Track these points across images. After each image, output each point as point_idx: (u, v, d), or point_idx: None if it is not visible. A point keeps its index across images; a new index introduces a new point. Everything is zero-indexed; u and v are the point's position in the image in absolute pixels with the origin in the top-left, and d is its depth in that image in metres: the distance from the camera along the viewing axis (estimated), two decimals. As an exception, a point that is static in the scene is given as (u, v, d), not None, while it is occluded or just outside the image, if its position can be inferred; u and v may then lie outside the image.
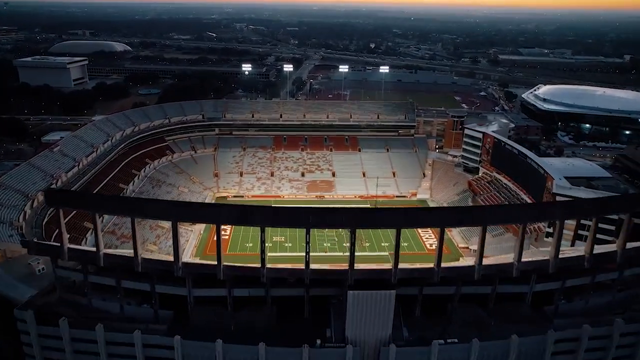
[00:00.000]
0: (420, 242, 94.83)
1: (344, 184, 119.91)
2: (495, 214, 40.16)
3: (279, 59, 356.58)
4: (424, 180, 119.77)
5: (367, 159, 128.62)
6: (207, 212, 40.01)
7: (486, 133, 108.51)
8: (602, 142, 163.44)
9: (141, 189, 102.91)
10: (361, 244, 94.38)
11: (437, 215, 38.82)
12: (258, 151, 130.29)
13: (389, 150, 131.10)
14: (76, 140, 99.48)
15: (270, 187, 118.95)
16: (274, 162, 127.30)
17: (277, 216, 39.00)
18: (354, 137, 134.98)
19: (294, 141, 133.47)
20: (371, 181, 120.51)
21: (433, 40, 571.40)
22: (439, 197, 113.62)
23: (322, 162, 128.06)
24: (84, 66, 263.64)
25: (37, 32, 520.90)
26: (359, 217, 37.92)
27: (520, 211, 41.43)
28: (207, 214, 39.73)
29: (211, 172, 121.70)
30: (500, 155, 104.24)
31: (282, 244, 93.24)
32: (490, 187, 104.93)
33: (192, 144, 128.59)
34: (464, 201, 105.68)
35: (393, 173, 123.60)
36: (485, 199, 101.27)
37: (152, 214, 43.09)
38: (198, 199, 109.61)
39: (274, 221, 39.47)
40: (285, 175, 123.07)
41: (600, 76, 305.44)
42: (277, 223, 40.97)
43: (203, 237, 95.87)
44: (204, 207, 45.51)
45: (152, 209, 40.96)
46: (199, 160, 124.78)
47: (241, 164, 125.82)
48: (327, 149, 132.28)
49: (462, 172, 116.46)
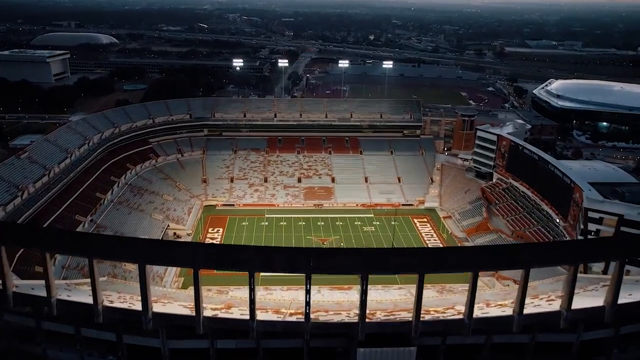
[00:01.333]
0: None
1: (345, 191, 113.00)
2: (540, 254, 33.46)
3: (273, 52, 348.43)
4: (432, 187, 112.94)
5: (370, 162, 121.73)
6: (181, 253, 33.12)
7: (501, 135, 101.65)
8: (622, 142, 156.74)
9: (121, 198, 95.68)
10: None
11: (468, 257, 32.09)
12: (250, 154, 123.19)
13: (393, 153, 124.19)
14: (47, 144, 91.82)
15: (264, 194, 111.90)
16: (267, 166, 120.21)
17: (270, 259, 32.13)
18: (355, 138, 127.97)
19: (289, 143, 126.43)
20: (374, 187, 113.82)
21: (434, 32, 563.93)
22: (449, 205, 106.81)
23: (320, 165, 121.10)
24: (66, 60, 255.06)
25: (20, 24, 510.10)
26: (372, 260, 31.15)
27: (571, 250, 34.72)
28: (181, 255, 32.85)
29: (199, 178, 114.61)
30: (517, 160, 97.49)
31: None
32: (506, 195, 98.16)
33: (178, 146, 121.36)
34: (477, 210, 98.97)
35: (398, 178, 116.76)
36: (501, 209, 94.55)
37: (113, 254, 36.09)
38: (184, 208, 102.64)
39: (265, 265, 32.55)
40: (280, 180, 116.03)
41: (613, 70, 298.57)
42: (270, 267, 34.03)
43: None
44: (177, 247, 38.18)
45: (113, 249, 34.07)
46: (186, 164, 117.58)
47: (232, 168, 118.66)
48: (325, 152, 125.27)
49: (474, 177, 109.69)
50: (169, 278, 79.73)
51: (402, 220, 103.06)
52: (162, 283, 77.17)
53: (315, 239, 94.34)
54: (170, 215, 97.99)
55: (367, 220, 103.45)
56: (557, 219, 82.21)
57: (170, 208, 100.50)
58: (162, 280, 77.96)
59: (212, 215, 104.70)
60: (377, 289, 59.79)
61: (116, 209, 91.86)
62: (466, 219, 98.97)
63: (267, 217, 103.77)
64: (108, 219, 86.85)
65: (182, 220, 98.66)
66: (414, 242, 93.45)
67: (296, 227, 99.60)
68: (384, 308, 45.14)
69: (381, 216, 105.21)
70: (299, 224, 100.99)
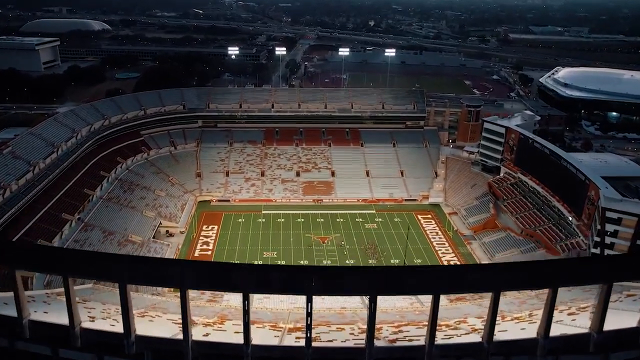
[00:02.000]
0: (435, 258, 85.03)
1: (345, 186, 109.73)
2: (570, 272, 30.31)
3: (270, 39, 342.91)
4: (437, 181, 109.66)
5: (371, 155, 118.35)
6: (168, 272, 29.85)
7: (510, 128, 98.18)
8: (633, 133, 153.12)
9: (110, 195, 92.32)
10: (366, 254, 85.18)
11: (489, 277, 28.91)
12: (247, 146, 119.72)
13: (396, 145, 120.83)
14: (32, 138, 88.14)
15: (261, 189, 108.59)
16: (264, 159, 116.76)
17: (267, 279, 28.88)
18: (356, 129, 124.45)
19: (287, 134, 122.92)
20: (376, 182, 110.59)
21: (436, 17, 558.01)
22: (454, 201, 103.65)
23: (319, 159, 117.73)
24: (56, 47, 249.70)
25: (10, 9, 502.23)
26: (383, 281, 27.95)
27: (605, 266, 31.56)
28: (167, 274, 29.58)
29: (193, 172, 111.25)
30: (526, 154, 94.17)
31: (274, 260, 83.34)
32: (514, 190, 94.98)
33: (171, 138, 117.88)
34: (484, 206, 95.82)
35: (401, 172, 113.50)
36: (510, 205, 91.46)
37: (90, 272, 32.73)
38: (177, 204, 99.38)
39: (261, 285, 29.25)
40: (278, 175, 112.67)
41: (621, 57, 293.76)
42: (266, 288, 30.69)
43: (183, 253, 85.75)
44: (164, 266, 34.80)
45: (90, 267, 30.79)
46: (180, 157, 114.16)
47: (227, 161, 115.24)
48: (325, 144, 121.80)
49: (480, 171, 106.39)
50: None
51: (405, 216, 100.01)
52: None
53: (314, 237, 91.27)
54: (162, 212, 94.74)
55: (368, 216, 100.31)
56: (570, 217, 79.12)
57: (162, 204, 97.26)
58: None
59: (206, 211, 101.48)
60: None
61: (105, 206, 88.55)
62: (473, 216, 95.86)
63: (264, 214, 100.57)
64: (96, 217, 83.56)
65: (174, 217, 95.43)
66: (418, 240, 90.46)
67: (295, 224, 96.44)
68: (390, 321, 42.10)
69: (383, 212, 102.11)
70: (297, 221, 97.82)
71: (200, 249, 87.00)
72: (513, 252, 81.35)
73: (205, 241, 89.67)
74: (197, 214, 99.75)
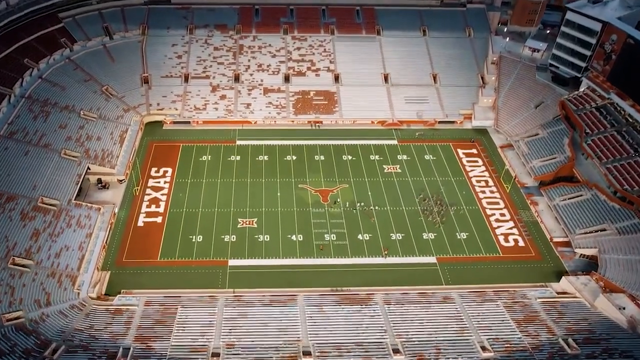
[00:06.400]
0: (490, 235, 64.20)
1: (354, 98, 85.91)
2: None
3: None
4: (485, 93, 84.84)
5: (392, 49, 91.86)
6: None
7: (611, 25, 70.53)
8: None
9: (12, 127, 68.03)
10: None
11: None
12: (214, 34, 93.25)
13: (427, 33, 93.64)
14: None
15: (234, 103, 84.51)
16: (239, 55, 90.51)
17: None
18: (370, 8, 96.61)
19: (272, 15, 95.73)
20: (398, 92, 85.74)
21: None
22: (509, 127, 79.81)
23: (317, 54, 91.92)
24: None
25: None
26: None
27: None
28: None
29: (137, 76, 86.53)
30: (632, 66, 68.39)
31: (253, 234, 62.81)
32: (603, 119, 70.94)
33: (105, 22, 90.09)
34: (556, 142, 72.61)
35: (433, 77, 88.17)
36: (597, 144, 68.01)
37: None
38: (114, 132, 76.12)
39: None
40: (258, 80, 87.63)
41: None
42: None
43: (120, 221, 64.67)
44: None
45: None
46: (117, 53, 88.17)
47: (185, 59, 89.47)
48: (325, 30, 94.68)
49: (550, 82, 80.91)
50: (86, 277, 56.82)
51: (439, 150, 77.46)
52: (76, 287, 54.74)
53: (312, 190, 69.71)
54: (91, 149, 71.60)
55: (388, 151, 77.50)
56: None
57: (92, 135, 73.89)
58: (74, 283, 55.26)
59: (156, 142, 78.78)
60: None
61: (4, 148, 64.88)
62: (538, 156, 72.91)
63: (239, 146, 77.94)
64: (-15, 173, 60.94)
65: (110, 155, 72.41)
66: (459, 193, 69.31)
67: (283, 165, 74.49)
68: None
69: (409, 143, 79.16)
70: (286, 159, 75.58)
71: (146, 213, 66.49)
72: (605, 228, 60.34)
73: (153, 198, 68.49)
74: (143, 148, 77.04)
